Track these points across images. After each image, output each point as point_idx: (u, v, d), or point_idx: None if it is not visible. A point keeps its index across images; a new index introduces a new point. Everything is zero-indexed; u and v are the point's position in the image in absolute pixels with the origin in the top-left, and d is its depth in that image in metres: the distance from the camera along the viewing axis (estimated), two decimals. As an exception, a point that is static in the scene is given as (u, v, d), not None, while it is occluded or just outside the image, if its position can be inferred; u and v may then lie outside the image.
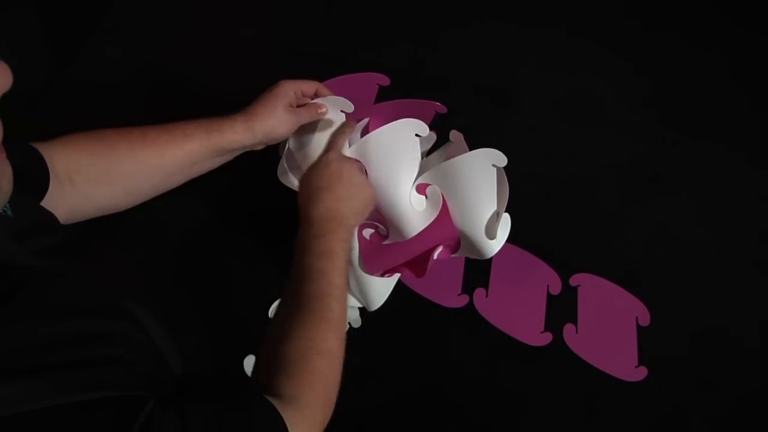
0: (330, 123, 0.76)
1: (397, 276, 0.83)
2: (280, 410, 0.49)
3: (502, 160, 0.72)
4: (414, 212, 0.76)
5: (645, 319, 0.88)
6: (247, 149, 0.73)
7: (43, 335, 0.40)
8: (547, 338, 0.87)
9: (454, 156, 0.75)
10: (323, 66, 0.88)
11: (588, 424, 0.83)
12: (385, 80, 0.86)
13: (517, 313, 0.89)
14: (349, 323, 0.88)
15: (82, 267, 0.50)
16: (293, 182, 0.80)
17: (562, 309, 0.89)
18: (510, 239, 0.80)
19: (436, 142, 0.84)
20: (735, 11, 1.14)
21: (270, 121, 0.71)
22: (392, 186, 0.74)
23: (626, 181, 0.99)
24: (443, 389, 0.86)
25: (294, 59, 1.11)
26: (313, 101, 0.76)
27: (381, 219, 0.78)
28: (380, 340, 0.87)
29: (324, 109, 0.75)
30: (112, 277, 0.52)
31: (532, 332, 0.87)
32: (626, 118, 1.05)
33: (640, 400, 0.84)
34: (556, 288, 0.90)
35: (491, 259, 0.90)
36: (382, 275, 0.81)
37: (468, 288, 0.90)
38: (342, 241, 0.65)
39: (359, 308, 0.87)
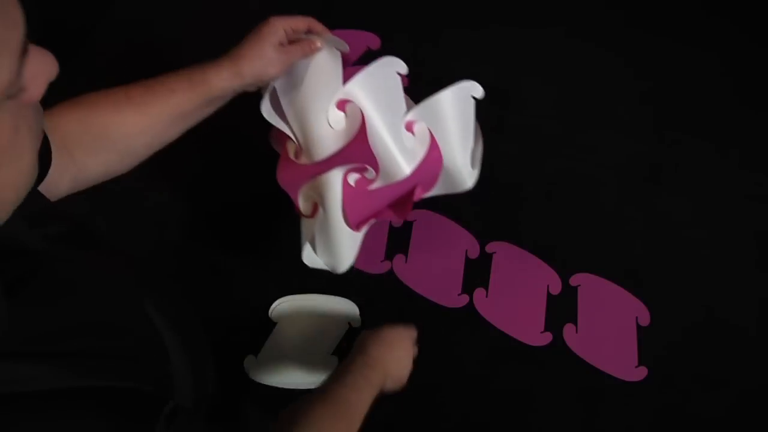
0: (322, 62, 0.72)
1: (364, 232, 0.80)
2: None
3: (479, 90, 0.73)
4: (404, 151, 0.75)
5: (645, 319, 0.88)
6: (238, 92, 0.70)
7: (61, 320, 0.40)
8: (547, 338, 0.87)
9: None
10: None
11: (588, 424, 0.83)
12: (375, 41, 0.82)
13: (517, 313, 0.89)
14: (350, 323, 0.88)
15: (87, 257, 0.50)
16: (278, 122, 0.75)
17: (562, 309, 0.89)
18: (511, 239, 0.80)
19: None
20: (731, 14, 1.15)
21: (258, 62, 0.67)
22: (383, 126, 0.73)
23: (626, 181, 0.99)
24: (443, 389, 0.86)
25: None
26: (306, 37, 0.71)
27: (371, 161, 0.74)
28: (380, 340, 0.87)
29: (318, 44, 0.71)
30: (119, 269, 0.52)
31: (532, 332, 0.87)
32: (625, 118, 1.05)
33: (640, 400, 0.84)
34: (556, 288, 0.90)
35: (491, 259, 0.91)
36: (359, 226, 0.78)
37: (468, 288, 0.90)
38: (377, 387, 0.69)
39: (359, 307, 0.88)
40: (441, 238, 0.94)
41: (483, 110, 1.10)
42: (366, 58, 0.83)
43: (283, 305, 0.88)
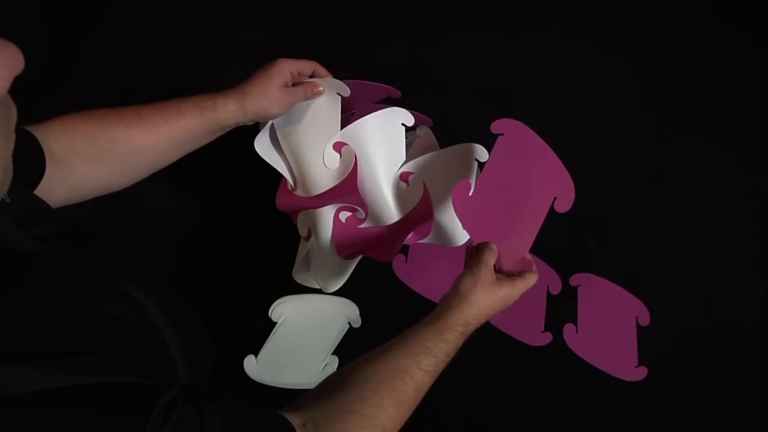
0: (323, 105, 0.74)
1: (357, 259, 0.82)
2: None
3: (484, 154, 0.74)
4: (396, 199, 0.76)
5: (645, 319, 0.88)
6: (240, 125, 0.73)
7: (51, 318, 0.40)
8: (547, 338, 0.87)
9: (421, 148, 0.77)
10: (323, 66, 0.88)
11: (588, 424, 0.83)
12: (396, 93, 0.84)
13: (517, 313, 0.88)
14: (350, 323, 0.88)
15: (82, 254, 0.50)
16: (273, 159, 0.78)
17: (562, 309, 0.89)
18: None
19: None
20: (732, 14, 1.15)
21: (262, 101, 0.70)
22: (378, 172, 0.74)
23: (626, 181, 0.99)
24: (443, 389, 0.85)
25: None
26: (309, 80, 0.74)
27: (362, 203, 0.77)
28: (380, 340, 0.87)
29: (321, 89, 0.74)
30: (113, 264, 0.52)
31: (532, 332, 0.87)
32: (625, 119, 1.05)
33: (640, 400, 0.84)
34: (556, 288, 0.90)
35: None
36: (348, 257, 0.81)
37: (468, 288, 0.90)
38: (450, 352, 0.68)
39: (359, 307, 0.88)
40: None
41: (483, 111, 1.10)
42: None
43: (283, 305, 0.88)
